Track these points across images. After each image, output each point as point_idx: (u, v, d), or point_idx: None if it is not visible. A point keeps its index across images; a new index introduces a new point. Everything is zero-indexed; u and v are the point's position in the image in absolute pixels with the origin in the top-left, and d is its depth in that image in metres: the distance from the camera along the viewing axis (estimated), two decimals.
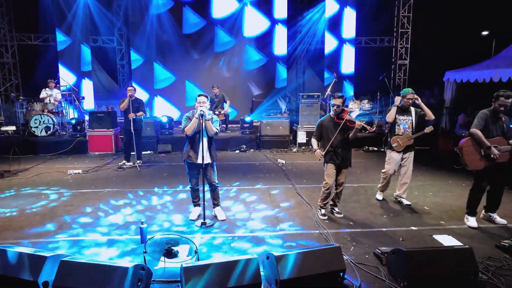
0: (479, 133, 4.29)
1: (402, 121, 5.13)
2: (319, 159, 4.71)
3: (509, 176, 4.47)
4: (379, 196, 5.57)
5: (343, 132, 4.63)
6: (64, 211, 5.08)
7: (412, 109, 5.14)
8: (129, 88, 7.64)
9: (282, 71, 13.02)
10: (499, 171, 4.36)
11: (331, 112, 4.77)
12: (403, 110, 5.14)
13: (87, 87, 12.58)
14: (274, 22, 12.66)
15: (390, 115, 5.17)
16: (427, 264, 3.15)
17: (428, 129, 4.99)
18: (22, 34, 12.49)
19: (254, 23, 12.59)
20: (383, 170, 5.36)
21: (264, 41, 12.72)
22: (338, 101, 4.61)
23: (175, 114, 12.16)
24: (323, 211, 4.85)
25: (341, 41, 13.06)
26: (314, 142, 4.85)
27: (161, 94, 12.70)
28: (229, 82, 12.50)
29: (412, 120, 5.10)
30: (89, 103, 12.33)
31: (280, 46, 12.86)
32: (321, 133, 4.80)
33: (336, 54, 13.18)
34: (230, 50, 12.71)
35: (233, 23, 12.49)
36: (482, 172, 4.38)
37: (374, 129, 4.88)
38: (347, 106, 11.15)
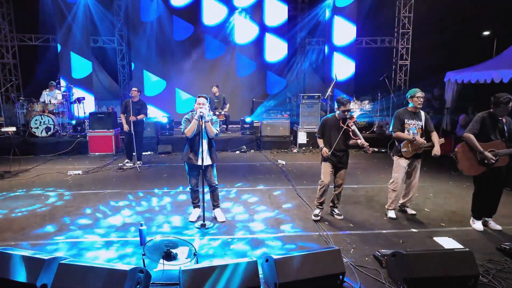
0: (472, 137, 4.21)
1: (411, 126, 4.67)
2: (327, 156, 4.60)
3: (509, 177, 4.41)
4: (392, 214, 4.88)
5: (345, 138, 4.65)
6: (64, 213, 5.07)
7: (422, 112, 4.74)
8: (133, 89, 7.69)
9: (283, 72, 13.02)
10: (498, 176, 4.26)
11: (337, 113, 4.70)
12: (412, 114, 4.70)
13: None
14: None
15: (399, 137, 4.69)
16: (427, 267, 3.13)
17: (440, 141, 4.64)
18: (22, 34, 12.49)
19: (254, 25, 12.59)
20: (391, 181, 4.85)
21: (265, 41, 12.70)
22: (348, 107, 4.55)
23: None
24: (317, 211, 4.81)
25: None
26: (320, 141, 4.78)
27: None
28: (228, 85, 12.44)
29: (422, 124, 4.68)
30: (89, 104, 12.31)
31: (280, 46, 12.84)
32: (324, 131, 4.77)
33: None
34: (224, 55, 12.65)
35: (226, 28, 12.48)
36: (480, 177, 4.31)
37: (370, 150, 4.64)
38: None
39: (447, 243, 4.09)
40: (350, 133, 4.58)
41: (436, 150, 4.59)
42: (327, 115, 4.94)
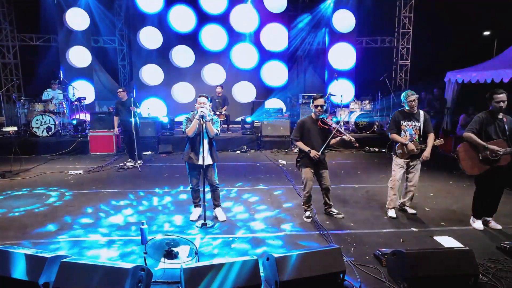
0: (472, 135, 4.21)
1: (408, 127, 4.68)
2: (317, 158, 4.57)
3: (509, 177, 4.41)
4: (392, 213, 4.88)
5: (326, 139, 4.59)
6: (65, 212, 5.09)
7: (421, 113, 4.71)
8: (119, 90, 7.78)
9: (283, 71, 13.00)
10: (499, 175, 4.26)
11: (313, 112, 4.65)
12: (409, 115, 4.69)
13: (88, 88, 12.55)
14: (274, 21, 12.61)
15: (394, 139, 4.74)
16: (427, 266, 3.14)
17: (438, 142, 4.65)
18: (23, 34, 12.52)
19: (253, 23, 12.52)
20: (390, 179, 4.91)
21: (264, 42, 12.67)
22: (321, 101, 4.52)
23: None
24: (308, 213, 4.82)
25: (342, 41, 13.03)
26: (301, 144, 4.66)
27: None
28: (228, 83, 12.41)
29: (420, 125, 4.67)
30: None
31: (281, 46, 12.81)
32: (302, 134, 4.67)
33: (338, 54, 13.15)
34: (226, 49, 12.54)
35: (229, 21, 12.30)
36: (481, 176, 4.30)
37: (357, 144, 4.61)
38: (347, 107, 11.16)
39: (447, 242, 4.10)
40: (335, 132, 4.49)
41: (425, 155, 4.61)
42: (303, 117, 4.82)
